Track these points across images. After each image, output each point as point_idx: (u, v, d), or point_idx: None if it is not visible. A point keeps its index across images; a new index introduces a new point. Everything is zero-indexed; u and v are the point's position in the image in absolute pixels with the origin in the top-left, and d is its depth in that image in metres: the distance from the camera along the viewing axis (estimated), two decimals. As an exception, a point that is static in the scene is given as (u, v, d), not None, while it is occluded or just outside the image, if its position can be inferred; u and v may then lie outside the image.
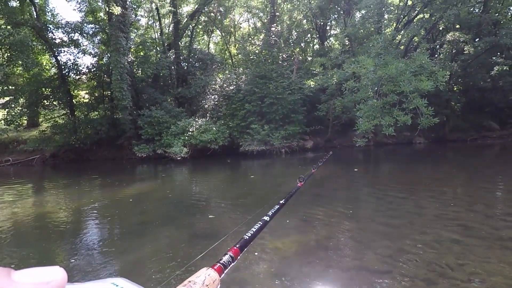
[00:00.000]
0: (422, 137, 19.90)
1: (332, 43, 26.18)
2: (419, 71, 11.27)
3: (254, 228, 1.27)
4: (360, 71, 11.94)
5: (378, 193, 7.85)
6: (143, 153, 16.16)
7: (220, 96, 20.60)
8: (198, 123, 16.71)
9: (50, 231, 6.15)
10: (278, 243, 4.67)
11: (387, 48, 14.22)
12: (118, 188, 10.08)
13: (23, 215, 7.26)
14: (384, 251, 4.18)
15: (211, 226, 5.84)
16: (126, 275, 2.46)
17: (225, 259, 1.00)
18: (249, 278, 3.63)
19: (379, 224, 5.34)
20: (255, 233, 1.24)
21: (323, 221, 5.72)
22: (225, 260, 0.99)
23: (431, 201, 6.62)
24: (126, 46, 16.45)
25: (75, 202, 8.39)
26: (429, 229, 4.94)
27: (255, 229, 1.26)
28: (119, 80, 15.55)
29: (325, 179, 10.14)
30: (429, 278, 3.40)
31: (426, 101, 10.42)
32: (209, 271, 0.89)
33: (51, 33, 17.47)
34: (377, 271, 3.67)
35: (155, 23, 23.06)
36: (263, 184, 10.29)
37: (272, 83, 17.33)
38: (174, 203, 7.88)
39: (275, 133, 16.61)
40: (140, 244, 5.02)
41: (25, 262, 4.69)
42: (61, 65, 17.65)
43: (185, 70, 21.67)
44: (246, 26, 30.27)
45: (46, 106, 17.96)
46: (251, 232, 1.22)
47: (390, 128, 10.73)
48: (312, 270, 3.82)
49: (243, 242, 1.12)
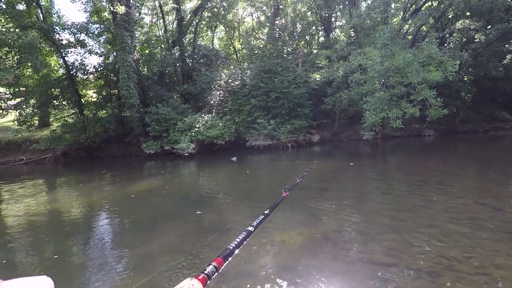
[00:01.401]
0: (431, 129, 19.59)
1: (338, 35, 25.83)
2: (427, 62, 11.04)
3: (238, 238, 1.28)
4: (366, 63, 11.76)
5: (385, 186, 7.81)
6: (151, 149, 16.35)
7: (226, 91, 20.63)
8: (205, 119, 16.79)
9: (63, 226, 6.32)
10: (284, 236, 4.71)
11: (394, 39, 13.96)
12: (127, 184, 10.24)
13: (37, 211, 7.46)
14: (390, 244, 4.18)
15: (219, 220, 5.91)
16: (136, 268, 2.53)
17: (209, 269, 1.02)
18: (256, 271, 3.68)
19: (385, 217, 5.33)
20: (239, 243, 1.25)
21: (329, 214, 5.73)
22: (209, 270, 1.02)
23: (439, 194, 6.56)
24: (132, 44, 16.55)
25: (87, 198, 8.57)
26: (436, 222, 4.90)
27: (239, 239, 1.28)
28: (126, 78, 15.69)
29: (331, 173, 10.11)
30: (435, 271, 3.39)
31: (435, 92, 10.22)
32: (193, 281, 0.91)
33: (57, 34, 17.68)
34: (383, 263, 3.67)
35: (159, 21, 23.11)
36: (269, 179, 10.32)
37: (277, 77, 17.24)
38: (182, 198, 7.98)
39: (281, 128, 16.57)
40: (149, 238, 5.12)
41: (41, 256, 4.84)
42: (69, 65, 17.87)
43: (190, 67, 21.72)
44: (250, 20, 30.09)
45: (56, 106, 18.25)
46: (235, 242, 1.24)
47: (398, 120, 10.59)
48: (318, 262, 3.85)
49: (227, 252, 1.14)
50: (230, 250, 1.15)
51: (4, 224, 6.57)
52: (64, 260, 4.64)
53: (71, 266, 4.39)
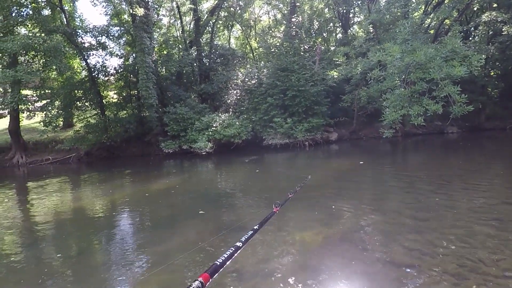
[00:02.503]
0: (455, 126, 18.87)
1: (356, 31, 25.30)
2: (450, 56, 10.61)
3: (226, 254, 1.27)
4: (386, 59, 11.44)
5: (406, 185, 7.60)
6: (170, 149, 16.67)
7: (242, 90, 20.69)
8: (222, 118, 16.92)
9: (87, 223, 6.56)
10: (303, 235, 4.68)
11: (415, 33, 13.51)
12: (147, 182, 10.49)
13: (63, 209, 7.77)
14: (411, 245, 4.06)
15: (237, 218, 5.94)
16: (157, 265, 2.59)
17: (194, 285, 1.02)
18: (274, 270, 3.68)
19: (406, 217, 5.19)
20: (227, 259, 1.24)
21: (347, 213, 5.64)
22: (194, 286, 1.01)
23: (464, 193, 6.31)
24: (150, 45, 16.91)
25: (108, 196, 8.85)
26: (461, 222, 4.72)
27: (227, 254, 1.27)
28: (145, 79, 16.06)
29: (349, 172, 9.95)
30: (460, 273, 3.27)
31: (459, 88, 9.81)
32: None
33: (80, 37, 18.32)
34: (404, 264, 3.58)
35: (177, 22, 23.45)
36: (287, 178, 10.27)
37: (294, 75, 17.11)
38: (200, 197, 8.08)
39: (298, 126, 16.45)
40: (168, 235, 5.23)
41: (67, 252, 5.05)
42: (91, 67, 18.49)
43: (207, 67, 21.95)
44: (266, 18, 30.01)
45: (79, 107, 18.93)
46: (223, 257, 1.23)
47: (419, 117, 10.26)
48: (337, 262, 3.80)
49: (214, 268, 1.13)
50: (217, 266, 1.14)
51: (33, 221, 6.89)
52: (88, 256, 4.81)
53: (95, 262, 4.56)
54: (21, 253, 4.99)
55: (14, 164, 17.07)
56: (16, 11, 16.19)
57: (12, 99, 14.97)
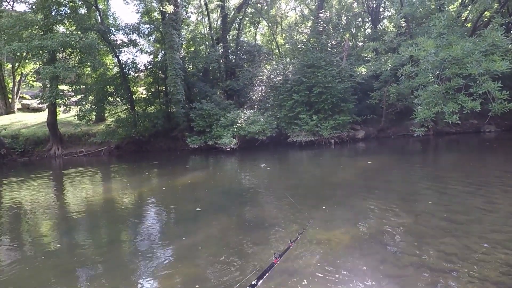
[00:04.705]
0: (492, 125, 17.70)
1: (386, 25, 24.36)
2: (490, 50, 9.92)
3: None
4: (419, 54, 10.90)
5: (439, 186, 7.24)
6: (195, 144, 16.97)
7: (268, 87, 20.59)
8: (247, 115, 16.95)
9: (116, 214, 6.83)
10: (330, 235, 4.58)
11: (451, 27, 12.77)
12: (173, 177, 10.75)
13: (95, 200, 8.15)
14: (447, 249, 3.86)
15: (261, 215, 5.94)
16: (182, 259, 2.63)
17: None
18: (302, 269, 3.63)
19: (440, 220, 4.93)
20: None
21: (376, 214, 5.46)
22: None
23: (504, 196, 5.91)
24: (179, 42, 17.25)
25: (137, 189, 9.17)
26: (502, 227, 4.42)
27: None
28: (174, 75, 16.41)
29: (378, 171, 9.62)
30: (503, 281, 3.06)
31: (500, 84, 9.18)
32: None
33: (113, 35, 19.04)
34: (439, 269, 3.40)
35: (204, 19, 23.72)
36: (312, 176, 10.13)
37: (320, 72, 16.77)
38: (224, 192, 8.16)
39: (323, 123, 16.13)
40: (194, 229, 5.32)
41: (97, 241, 5.29)
42: (122, 64, 19.17)
43: (233, 63, 22.05)
44: (293, 14, 29.60)
45: (110, 102, 19.72)
46: None
47: (455, 115, 9.71)
48: (366, 264, 3.68)
49: None
50: None
51: (67, 210, 7.28)
52: (116, 246, 5.00)
53: (123, 253, 4.73)
54: (57, 241, 5.28)
55: (51, 156, 18.12)
56: (56, 10, 17.07)
57: (50, 94, 15.87)
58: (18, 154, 17.99)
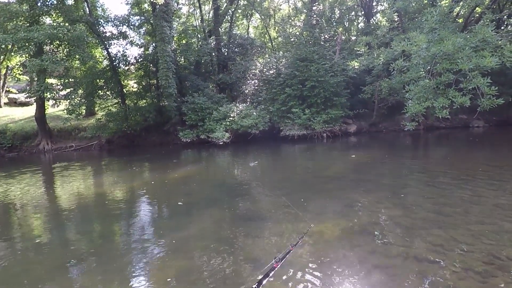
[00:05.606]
0: (481, 120, 18.03)
1: (379, 20, 24.39)
2: (481, 46, 10.04)
3: None
4: (410, 48, 10.98)
5: (428, 179, 7.39)
6: (188, 138, 16.87)
7: (260, 80, 20.50)
8: (239, 109, 16.90)
9: (108, 208, 6.78)
10: (321, 227, 4.64)
11: (443, 22, 12.85)
12: (165, 171, 10.70)
13: (86, 194, 8.07)
14: (434, 240, 3.95)
15: (253, 208, 5.98)
16: (176, 251, 2.64)
17: None
18: (294, 261, 3.67)
19: (428, 212, 5.04)
20: None
21: (367, 206, 5.55)
22: None
23: (490, 189, 6.06)
24: (170, 35, 16.99)
25: (128, 183, 9.10)
26: (487, 219, 4.55)
27: None
28: (165, 68, 16.19)
29: (369, 164, 9.75)
30: (487, 270, 3.16)
31: (489, 80, 9.32)
32: None
33: (102, 27, 18.63)
34: (426, 260, 3.49)
35: (196, 10, 23.40)
36: (303, 169, 10.20)
37: (313, 66, 16.78)
38: (216, 186, 8.18)
39: (316, 117, 16.20)
40: (186, 223, 5.33)
41: (89, 236, 5.25)
42: (112, 57, 18.82)
43: (225, 56, 21.86)
44: (286, 7, 29.39)
45: (100, 96, 19.38)
46: None
47: (445, 110, 9.85)
48: (356, 255, 3.75)
49: None
50: None
51: (59, 205, 7.20)
52: (109, 240, 4.98)
53: (116, 246, 4.71)
54: (47, 236, 5.24)
55: (40, 151, 17.80)
56: (41, 0, 16.58)
57: (38, 87, 15.52)
58: (6, 149, 17.63)
